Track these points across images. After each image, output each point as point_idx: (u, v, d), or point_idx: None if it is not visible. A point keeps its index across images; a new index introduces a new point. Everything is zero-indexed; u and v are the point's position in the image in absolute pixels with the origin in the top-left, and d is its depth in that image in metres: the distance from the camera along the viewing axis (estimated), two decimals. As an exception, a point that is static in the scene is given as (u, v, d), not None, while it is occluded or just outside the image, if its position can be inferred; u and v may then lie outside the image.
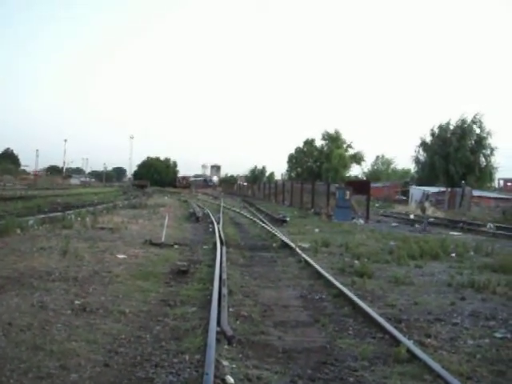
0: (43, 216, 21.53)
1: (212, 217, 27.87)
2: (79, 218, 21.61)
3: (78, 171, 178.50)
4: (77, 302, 8.41)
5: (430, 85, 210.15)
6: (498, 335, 7.65)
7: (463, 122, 71.05)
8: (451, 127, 71.67)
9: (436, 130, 73.17)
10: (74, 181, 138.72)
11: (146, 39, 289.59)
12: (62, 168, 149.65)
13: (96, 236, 16.77)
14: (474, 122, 70.58)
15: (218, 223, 23.60)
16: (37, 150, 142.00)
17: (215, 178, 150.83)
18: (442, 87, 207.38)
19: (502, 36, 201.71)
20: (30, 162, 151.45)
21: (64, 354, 5.98)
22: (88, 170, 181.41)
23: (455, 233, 25.48)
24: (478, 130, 70.75)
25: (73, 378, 5.39)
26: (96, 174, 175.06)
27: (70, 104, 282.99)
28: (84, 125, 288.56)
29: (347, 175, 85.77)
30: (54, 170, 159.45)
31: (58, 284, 9.56)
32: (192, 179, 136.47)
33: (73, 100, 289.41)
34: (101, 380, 5.40)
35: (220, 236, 17.89)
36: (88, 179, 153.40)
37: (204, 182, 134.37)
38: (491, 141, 70.38)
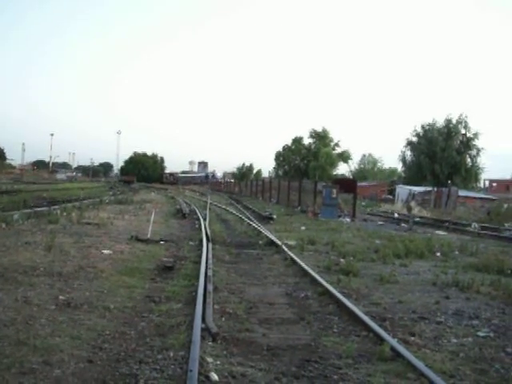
0: (29, 211, 21.37)
1: (198, 213, 27.84)
2: (65, 213, 21.47)
3: (65, 166, 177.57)
4: (61, 297, 8.37)
5: (417, 84, 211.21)
6: (481, 334, 7.71)
7: (448, 121, 71.54)
8: (436, 127, 72.17)
9: (419, 130, 73.61)
10: (61, 175, 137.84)
11: (135, 35, 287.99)
12: (49, 162, 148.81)
13: (82, 231, 16.68)
14: (459, 123, 71.13)
15: (205, 220, 23.55)
16: (23, 144, 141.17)
17: (219, 175, 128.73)
18: (429, 86, 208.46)
19: (486, 39, 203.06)
20: (16, 156, 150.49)
21: (47, 350, 5.94)
22: (75, 165, 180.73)
23: (440, 232, 25.62)
24: (463, 131, 71.35)
25: (56, 373, 5.36)
26: (83, 169, 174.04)
27: (57, 98, 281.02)
28: (71, 119, 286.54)
29: (334, 174, 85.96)
30: (40, 165, 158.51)
31: (42, 279, 9.50)
32: (189, 175, 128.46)
33: (60, 94, 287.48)
34: (84, 376, 5.37)
35: (206, 232, 17.87)
36: (74, 174, 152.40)
37: (205, 179, 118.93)
38: (478, 142, 71.03)
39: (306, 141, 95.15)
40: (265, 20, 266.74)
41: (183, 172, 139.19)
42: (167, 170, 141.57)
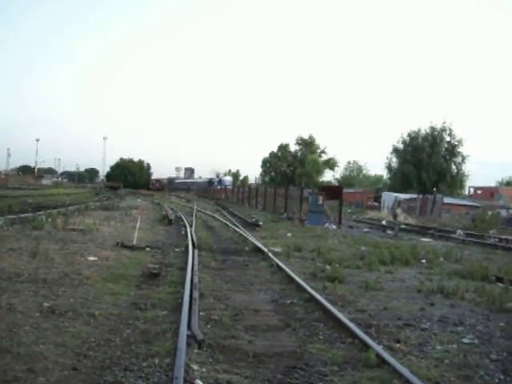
0: (13, 216, 21.19)
1: (185, 220, 27.76)
2: (50, 219, 21.31)
3: (50, 171, 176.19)
4: (46, 304, 8.31)
5: (403, 90, 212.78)
6: (465, 341, 7.76)
7: (433, 129, 72.29)
8: (421, 134, 72.91)
9: (406, 138, 74.28)
10: (46, 181, 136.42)
11: (120, 38, 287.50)
12: (34, 168, 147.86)
13: (67, 238, 16.56)
14: (443, 130, 71.93)
15: (191, 226, 23.49)
16: (8, 149, 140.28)
17: (228, 179, 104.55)
18: (415, 93, 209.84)
19: (469, 45, 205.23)
20: (0, 162, 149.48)
21: (31, 357, 5.90)
22: (60, 171, 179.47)
23: (426, 239, 25.77)
24: (448, 138, 72.13)
25: (40, 381, 5.32)
26: (68, 175, 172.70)
27: (43, 103, 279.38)
28: (57, 124, 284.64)
29: (320, 180, 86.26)
30: (25, 170, 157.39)
31: (26, 286, 9.43)
32: (188, 181, 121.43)
33: (45, 99, 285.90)
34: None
35: (192, 239, 17.82)
36: (60, 180, 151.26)
37: (209, 185, 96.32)
38: (462, 149, 71.82)
39: (293, 147, 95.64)
40: (250, 28, 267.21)
41: (170, 178, 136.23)
42: (153, 176, 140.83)
